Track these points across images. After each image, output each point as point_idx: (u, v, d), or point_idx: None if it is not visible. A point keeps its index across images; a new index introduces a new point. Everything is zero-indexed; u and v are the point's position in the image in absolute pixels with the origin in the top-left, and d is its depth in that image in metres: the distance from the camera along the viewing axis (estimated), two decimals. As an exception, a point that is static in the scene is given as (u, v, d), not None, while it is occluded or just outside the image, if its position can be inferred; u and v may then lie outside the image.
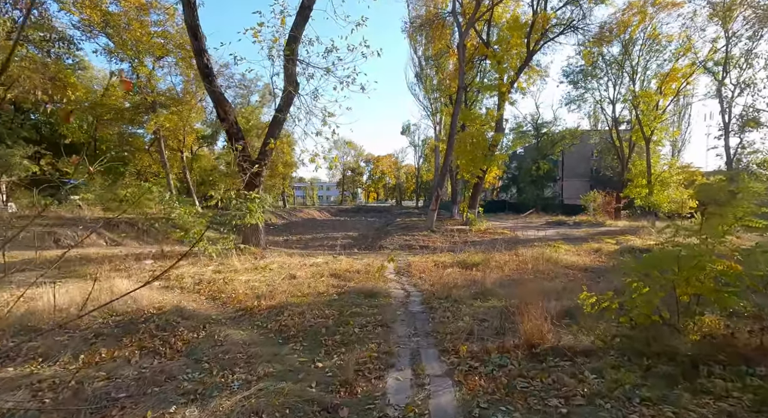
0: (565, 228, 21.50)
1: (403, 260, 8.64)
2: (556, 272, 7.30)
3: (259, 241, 8.93)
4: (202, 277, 5.89)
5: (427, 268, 7.45)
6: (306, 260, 7.88)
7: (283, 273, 6.29)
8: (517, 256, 9.45)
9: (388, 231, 21.06)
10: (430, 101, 35.54)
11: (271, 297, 4.84)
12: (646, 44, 27.70)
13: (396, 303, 5.03)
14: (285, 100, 8.22)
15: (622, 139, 32.46)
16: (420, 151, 66.49)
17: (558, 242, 13.13)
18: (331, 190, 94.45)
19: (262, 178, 8.76)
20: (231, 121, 8.07)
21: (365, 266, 7.36)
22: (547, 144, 43.69)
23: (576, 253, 10.19)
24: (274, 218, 36.57)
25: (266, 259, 7.72)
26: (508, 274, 7.10)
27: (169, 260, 7.31)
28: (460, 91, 17.35)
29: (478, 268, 7.58)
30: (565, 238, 15.35)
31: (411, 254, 10.30)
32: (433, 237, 15.36)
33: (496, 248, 11.82)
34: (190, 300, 4.80)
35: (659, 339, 3.37)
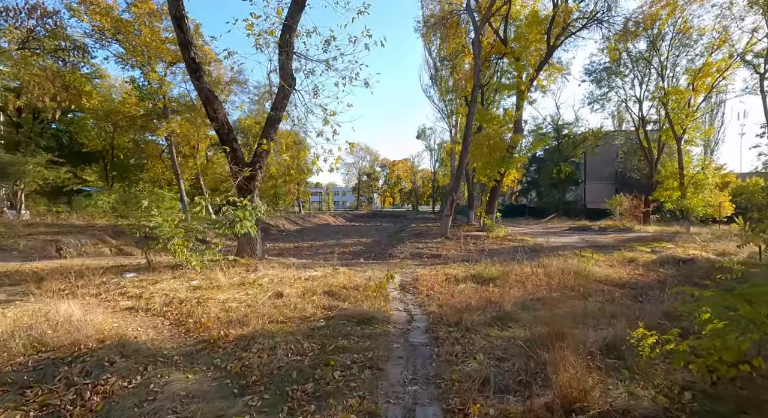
0: (591, 234, 20.11)
1: (411, 273, 7.74)
2: (588, 289, 6.27)
3: (254, 251, 8.21)
4: (176, 295, 5.16)
5: (436, 283, 6.53)
6: (302, 273, 7.09)
7: (270, 290, 5.50)
8: (541, 268, 8.42)
9: (400, 238, 20.16)
10: (446, 103, 34.62)
11: (244, 323, 4.04)
12: (676, 38, 26.04)
13: (395, 331, 4.15)
14: (280, 97, 7.52)
15: (650, 139, 30.64)
16: (436, 156, 65.50)
17: (585, 251, 11.96)
18: (347, 195, 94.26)
19: (257, 183, 8.06)
20: (221, 120, 7.41)
21: (366, 280, 6.51)
22: (568, 146, 41.96)
23: (608, 264, 9.06)
24: (288, 223, 36.18)
25: (258, 272, 6.96)
26: (532, 291, 6.11)
27: (154, 273, 6.65)
28: (475, 90, 16.39)
29: (496, 283, 6.62)
30: (592, 245, 14.11)
31: (421, 265, 9.38)
32: (447, 245, 14.38)
33: (516, 257, 10.77)
34: (149, 327, 4.06)
35: (755, 401, 2.39)
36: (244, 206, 6.59)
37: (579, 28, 19.45)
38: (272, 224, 32.97)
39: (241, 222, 6.52)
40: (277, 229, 32.38)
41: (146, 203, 6.12)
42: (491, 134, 19.87)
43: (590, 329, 4.16)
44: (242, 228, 6.53)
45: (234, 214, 6.44)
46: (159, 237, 5.99)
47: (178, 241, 5.93)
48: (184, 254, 6.00)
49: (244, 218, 6.63)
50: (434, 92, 35.57)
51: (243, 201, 6.65)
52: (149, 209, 6.09)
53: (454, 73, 29.82)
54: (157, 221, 5.88)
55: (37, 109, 24.71)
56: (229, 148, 7.71)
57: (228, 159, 7.73)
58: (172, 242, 5.93)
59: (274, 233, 30.12)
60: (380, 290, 5.38)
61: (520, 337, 3.89)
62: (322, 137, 7.96)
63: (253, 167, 7.72)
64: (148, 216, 5.97)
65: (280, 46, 6.96)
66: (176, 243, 5.93)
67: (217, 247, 6.64)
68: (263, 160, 8.08)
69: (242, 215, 6.62)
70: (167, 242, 5.96)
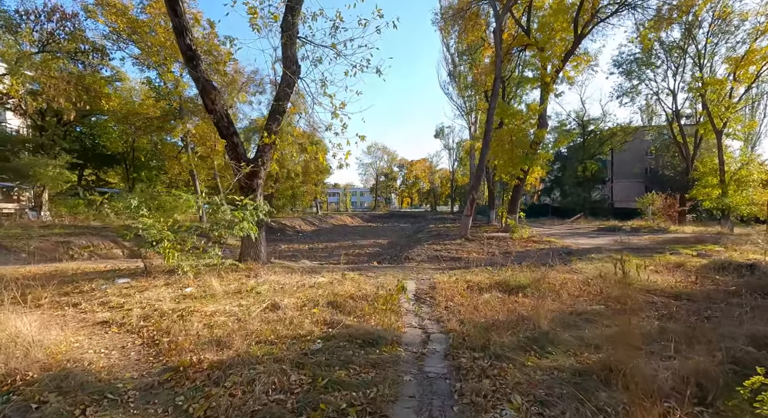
0: (623, 235, 18.73)
1: (428, 279, 6.95)
2: (636, 300, 5.33)
3: (258, 254, 7.61)
4: (160, 306, 4.56)
5: (456, 292, 5.73)
6: (307, 279, 6.42)
7: (267, 300, 4.84)
8: (576, 274, 7.48)
9: (418, 239, 19.34)
10: (464, 100, 33.54)
11: (225, 345, 3.38)
12: (714, 25, 24.18)
13: (406, 357, 3.39)
14: (284, 86, 6.89)
15: (686, 134, 28.66)
16: (455, 155, 64.28)
17: (621, 254, 10.85)
18: (364, 195, 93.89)
19: (260, 180, 7.46)
20: (220, 112, 6.84)
21: (376, 288, 5.77)
22: (594, 142, 40.05)
23: (653, 269, 8.00)
24: (304, 224, 35.91)
25: (259, 278, 6.34)
26: (569, 303, 5.23)
27: (149, 279, 6.13)
28: (496, 82, 15.41)
29: (526, 293, 5.76)
30: (627, 248, 12.93)
31: (439, 270, 8.57)
32: (468, 247, 13.49)
33: (545, 261, 9.83)
34: (115, 347, 3.45)
35: None
36: (243, 206, 5.98)
37: (609, 15, 18.16)
38: (288, 225, 32.75)
39: (240, 224, 5.91)
40: (294, 230, 32.13)
41: (135, 202, 5.60)
42: (513, 130, 18.82)
43: (655, 357, 3.29)
44: (241, 230, 5.92)
45: (231, 214, 5.83)
46: (148, 240, 5.44)
47: (167, 244, 5.37)
48: (175, 258, 5.43)
49: (244, 219, 6.02)
50: (452, 89, 34.56)
51: (243, 200, 6.04)
52: (138, 208, 5.56)
53: (473, 68, 28.75)
54: (145, 223, 5.33)
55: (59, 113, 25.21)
56: (229, 143, 7.13)
57: (228, 155, 7.16)
58: (161, 246, 5.37)
59: (290, 234, 29.85)
60: (391, 302, 4.62)
61: (565, 368, 3.07)
62: (330, 131, 7.32)
63: (255, 163, 7.11)
64: (137, 216, 5.44)
65: (282, 29, 6.34)
66: (165, 246, 5.36)
67: (213, 250, 6.05)
68: (267, 155, 7.46)
69: (241, 216, 6.01)
70: (156, 246, 5.40)
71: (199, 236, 6.37)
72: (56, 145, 25.47)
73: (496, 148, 18.59)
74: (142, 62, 21.34)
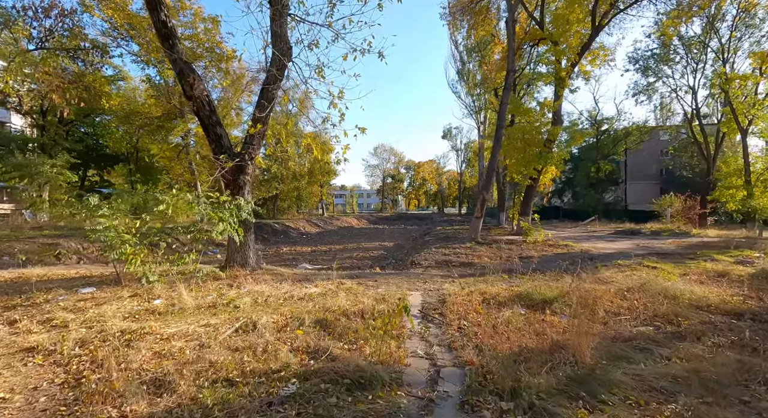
0: (643, 239, 17.63)
1: (436, 290, 6.06)
2: (690, 320, 4.39)
3: (245, 259, 6.79)
4: (110, 325, 3.74)
5: (471, 307, 4.83)
6: (297, 290, 5.57)
7: (243, 318, 4.00)
8: (606, 284, 6.53)
9: (425, 242, 18.42)
10: (473, 98, 32.54)
11: (168, 388, 2.54)
12: (738, 17, 22.93)
13: (408, 408, 2.51)
14: (274, 70, 6.07)
15: (706, 133, 27.32)
16: (462, 156, 63.28)
17: (649, 260, 9.84)
18: (371, 197, 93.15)
19: (247, 177, 6.64)
20: (200, 99, 6.04)
21: (376, 301, 4.90)
22: (608, 142, 38.70)
23: (693, 279, 7.00)
24: (309, 226, 35.16)
25: (243, 287, 5.51)
26: (610, 323, 4.31)
27: (118, 288, 5.34)
28: (509, 75, 14.48)
29: (553, 308, 4.84)
30: (652, 252, 11.89)
31: (448, 277, 7.67)
32: (479, 251, 12.54)
33: (567, 268, 8.87)
34: (24, 389, 2.63)
35: None
36: (221, 205, 5.17)
37: (629, 4, 17.12)
38: (292, 227, 32.02)
39: (217, 225, 5.09)
40: (298, 231, 31.39)
41: (95, 201, 4.82)
42: (526, 127, 17.83)
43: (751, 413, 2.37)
44: (221, 232, 5.11)
45: (207, 213, 5.03)
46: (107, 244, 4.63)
47: (129, 249, 4.56)
48: (139, 265, 4.62)
49: (222, 219, 5.20)
50: (461, 87, 33.60)
51: (221, 198, 5.23)
52: (98, 207, 4.78)
53: (482, 65, 27.80)
54: (103, 224, 4.54)
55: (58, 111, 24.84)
56: (211, 134, 6.33)
57: (211, 147, 6.37)
58: (121, 251, 4.56)
59: (294, 236, 29.10)
60: (392, 321, 3.74)
61: (633, 432, 2.17)
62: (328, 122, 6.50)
63: (240, 158, 6.31)
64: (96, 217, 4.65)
65: (270, 2, 5.54)
66: (127, 252, 4.56)
67: (190, 256, 5.24)
68: (255, 148, 6.64)
69: (220, 216, 5.20)
70: (116, 251, 4.60)
71: (178, 241, 5.58)
72: (57, 145, 25.13)
73: (507, 147, 17.63)
74: (141, 59, 20.79)
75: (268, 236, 26.73)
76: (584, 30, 18.07)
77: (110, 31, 19.45)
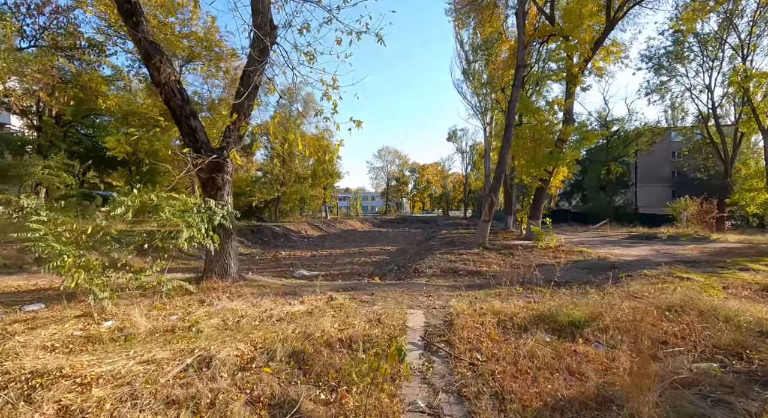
0: (661, 244, 16.61)
1: (442, 307, 5.20)
2: (757, 350, 3.51)
3: (225, 269, 5.98)
4: (17, 362, 2.93)
5: (484, 333, 3.97)
6: (278, 307, 4.75)
7: (199, 349, 3.18)
8: (636, 300, 5.63)
9: (429, 247, 17.55)
10: (479, 99, 31.65)
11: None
12: (759, 12, 21.88)
13: None
14: (256, 53, 5.28)
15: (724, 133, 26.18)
16: (468, 158, 62.38)
17: (676, 269, 8.90)
18: (375, 200, 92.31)
19: (226, 176, 5.85)
20: (170, 87, 5.26)
21: (370, 323, 4.07)
22: (618, 144, 37.57)
23: (743, 295, 6.07)
24: (311, 229, 34.43)
25: (216, 304, 4.70)
26: (659, 356, 3.44)
27: (70, 305, 4.56)
28: (519, 71, 13.63)
29: (584, 333, 3.97)
30: (677, 260, 10.90)
31: (456, 288, 6.81)
32: (487, 257, 11.65)
33: (588, 279, 7.98)
34: None
35: None
36: (188, 208, 4.37)
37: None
38: (294, 230, 31.30)
39: (185, 231, 4.29)
40: (299, 235, 30.65)
41: (31, 203, 4.05)
42: (536, 127, 16.95)
43: None
44: (186, 240, 4.31)
45: (168, 218, 4.24)
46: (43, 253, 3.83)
47: (68, 261, 3.77)
48: (81, 280, 3.82)
49: (191, 225, 4.41)
50: (466, 87, 32.73)
51: (187, 200, 4.44)
52: (35, 211, 4.00)
53: (489, 64, 26.94)
54: (38, 230, 3.76)
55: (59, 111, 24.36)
56: (185, 127, 5.55)
57: (184, 142, 5.60)
58: (56, 263, 3.75)
59: (295, 239, 28.37)
60: (381, 369, 2.88)
61: None
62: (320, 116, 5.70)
63: (219, 154, 5.52)
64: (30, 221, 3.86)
65: (248, -27, 4.77)
66: (66, 264, 3.76)
67: (152, 268, 4.44)
68: (233, 142, 5.84)
69: (188, 221, 4.40)
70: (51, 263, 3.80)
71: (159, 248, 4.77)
72: (54, 146, 24.63)
73: (516, 148, 16.77)
74: (137, 57, 20.21)
75: (268, 239, 26.03)
76: (597, 25, 17.22)
77: (104, 28, 18.87)
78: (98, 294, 3.84)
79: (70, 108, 24.09)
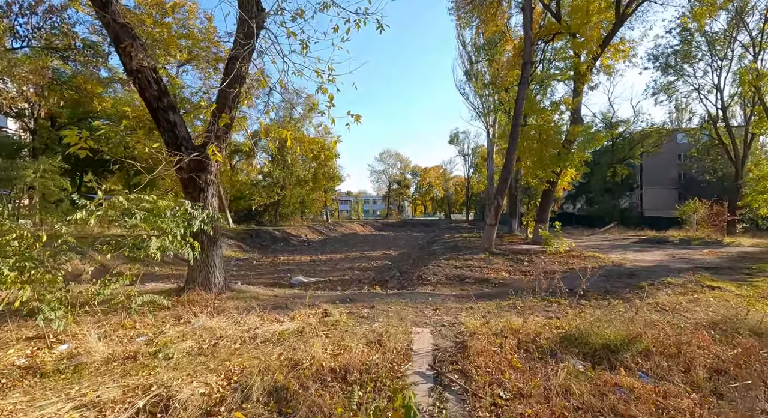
0: (674, 248, 15.92)
1: (451, 323, 4.59)
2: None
3: (209, 280, 5.38)
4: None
5: (504, 359, 3.35)
6: (266, 324, 4.15)
7: (158, 385, 2.57)
8: (667, 313, 5.01)
9: (433, 251, 16.91)
10: (482, 100, 31.09)
11: None
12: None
13: None
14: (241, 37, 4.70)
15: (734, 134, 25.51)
16: (470, 161, 61.76)
17: (701, 277, 8.26)
18: (377, 203, 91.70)
19: (211, 176, 5.26)
20: (145, 76, 4.69)
21: (369, 346, 3.47)
22: (624, 145, 36.92)
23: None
24: (311, 233, 33.81)
25: (194, 322, 4.10)
26: (721, 391, 2.82)
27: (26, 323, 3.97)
28: (526, 67, 13.06)
29: (623, 358, 3.35)
30: (696, 266, 10.24)
31: (465, 300, 6.19)
32: (495, 263, 11.03)
33: (606, 288, 7.34)
34: None
35: None
36: (159, 212, 3.78)
37: (656, -9, 15.66)
38: (293, 234, 30.70)
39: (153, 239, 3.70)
40: (299, 239, 30.05)
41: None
42: (543, 127, 16.37)
43: None
44: (158, 250, 3.72)
45: (134, 223, 3.65)
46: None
47: (10, 275, 3.15)
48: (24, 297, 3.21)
49: (166, 232, 3.82)
50: (469, 89, 32.19)
51: (159, 202, 3.85)
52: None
53: (492, 64, 26.43)
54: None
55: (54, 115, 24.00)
56: (162, 122, 4.97)
57: (162, 138, 5.02)
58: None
59: (295, 244, 27.75)
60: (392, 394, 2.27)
61: None
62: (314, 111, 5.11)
63: (202, 151, 4.94)
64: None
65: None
66: (8, 278, 3.15)
67: (118, 282, 3.84)
68: (221, 139, 5.27)
69: (162, 228, 3.81)
70: None
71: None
72: (50, 149, 24.18)
73: (522, 148, 16.18)
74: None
75: (267, 243, 25.43)
76: (605, 22, 16.68)
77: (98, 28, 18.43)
78: (47, 314, 3.24)
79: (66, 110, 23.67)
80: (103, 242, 3.90)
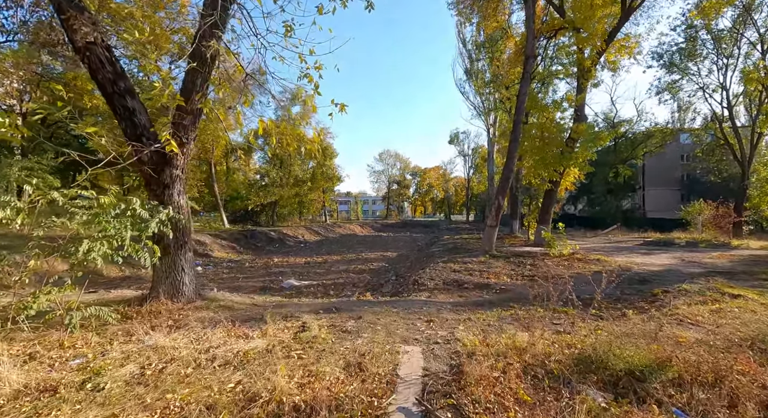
0: (681, 251, 15.30)
1: (446, 340, 4.00)
2: None
3: (177, 288, 4.78)
4: None
5: (508, 389, 2.77)
6: (230, 341, 3.56)
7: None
8: (690, 328, 4.44)
9: (431, 254, 16.33)
10: (482, 98, 30.54)
11: None
12: (777, 5, 20.74)
13: None
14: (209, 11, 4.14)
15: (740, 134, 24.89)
16: (470, 161, 61.18)
17: (718, 283, 7.66)
18: (376, 204, 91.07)
19: (176, 171, 4.67)
20: (96, 54, 4.14)
21: (347, 371, 2.89)
22: (626, 146, 36.33)
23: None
24: (308, 234, 33.20)
25: (147, 339, 3.52)
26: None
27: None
28: (528, 62, 12.48)
29: (651, 389, 2.77)
30: (708, 270, 9.64)
31: (462, 308, 5.60)
32: (495, 267, 10.44)
33: (617, 295, 6.76)
34: None
35: None
36: (103, 214, 3.19)
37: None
38: (290, 235, 30.10)
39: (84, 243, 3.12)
40: (295, 240, 29.45)
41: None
42: (546, 125, 15.80)
43: None
44: (101, 255, 3.14)
45: (79, 224, 3.07)
46: None
47: None
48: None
49: (110, 235, 3.24)
50: (469, 87, 31.66)
51: (105, 200, 3.27)
52: None
53: (493, 61, 25.85)
54: None
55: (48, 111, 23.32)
56: (119, 108, 4.40)
57: (120, 127, 4.44)
58: None
59: (291, 244, 27.16)
60: None
61: None
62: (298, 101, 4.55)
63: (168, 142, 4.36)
64: None
65: None
66: None
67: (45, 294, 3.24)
68: (189, 129, 4.69)
69: (106, 228, 3.24)
70: None
71: None
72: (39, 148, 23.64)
73: (524, 147, 15.61)
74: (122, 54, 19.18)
75: (262, 244, 24.84)
76: (610, 15, 16.12)
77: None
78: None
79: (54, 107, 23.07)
80: (35, 245, 3.32)
